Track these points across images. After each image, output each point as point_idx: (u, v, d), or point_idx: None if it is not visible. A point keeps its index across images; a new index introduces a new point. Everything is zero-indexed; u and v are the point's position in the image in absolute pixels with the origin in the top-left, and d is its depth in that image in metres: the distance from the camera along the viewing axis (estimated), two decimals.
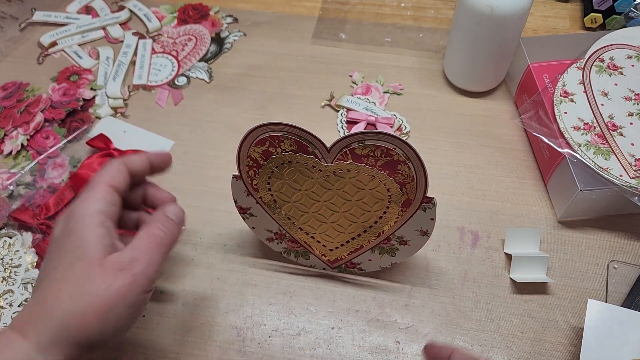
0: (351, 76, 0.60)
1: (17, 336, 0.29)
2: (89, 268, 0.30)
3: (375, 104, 0.56)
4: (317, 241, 0.42)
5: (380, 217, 0.39)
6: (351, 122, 0.55)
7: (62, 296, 0.30)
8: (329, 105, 0.57)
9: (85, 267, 0.30)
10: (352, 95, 0.58)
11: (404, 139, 0.34)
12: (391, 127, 0.54)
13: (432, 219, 0.38)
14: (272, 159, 0.37)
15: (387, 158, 0.35)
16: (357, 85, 0.59)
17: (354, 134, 0.35)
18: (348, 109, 0.56)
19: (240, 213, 0.43)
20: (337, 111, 0.56)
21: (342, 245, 0.42)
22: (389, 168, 0.36)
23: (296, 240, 0.43)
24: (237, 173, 0.39)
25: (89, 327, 0.29)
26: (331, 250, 0.43)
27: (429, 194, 0.36)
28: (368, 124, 0.54)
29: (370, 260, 0.43)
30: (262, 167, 0.38)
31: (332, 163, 0.36)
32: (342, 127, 0.55)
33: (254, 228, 0.43)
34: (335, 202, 0.39)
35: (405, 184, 0.36)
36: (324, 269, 0.45)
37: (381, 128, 0.54)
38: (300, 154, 0.36)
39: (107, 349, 0.36)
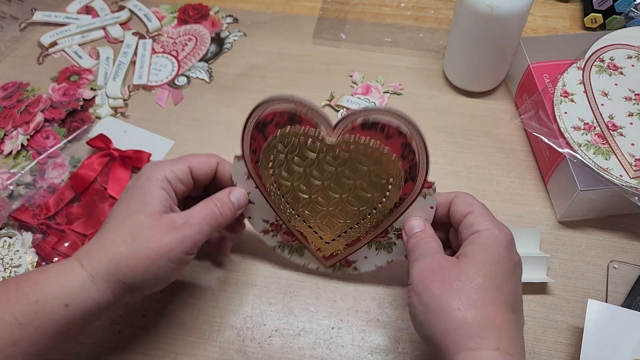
0: (351, 76, 0.60)
1: (77, 265, 0.33)
2: (146, 220, 0.35)
3: (375, 104, 0.57)
4: (314, 232, 0.41)
5: (380, 204, 0.38)
6: None
7: (118, 239, 0.34)
8: (329, 105, 0.57)
9: (143, 219, 0.35)
10: (352, 95, 0.58)
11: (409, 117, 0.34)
12: None
13: (431, 207, 0.38)
14: (278, 134, 0.37)
15: (391, 134, 0.35)
16: (357, 85, 0.59)
17: (359, 110, 0.34)
18: (348, 109, 0.56)
19: None
20: (337, 111, 0.56)
21: (339, 236, 0.41)
22: (392, 145, 0.35)
23: (292, 233, 0.42)
24: (239, 153, 0.39)
25: (134, 270, 0.34)
26: (327, 243, 0.42)
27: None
28: None
29: (365, 257, 0.42)
30: (267, 144, 0.38)
31: (337, 138, 0.36)
32: None
33: (250, 218, 0.43)
34: (336, 184, 0.38)
35: (407, 164, 0.36)
36: (317, 268, 0.44)
37: None
38: (307, 127, 0.36)
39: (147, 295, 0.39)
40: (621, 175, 0.42)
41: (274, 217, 0.42)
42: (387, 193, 0.38)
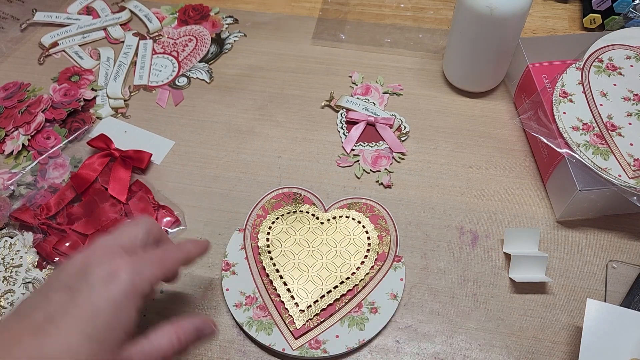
0: (351, 76, 0.60)
1: None
2: (107, 357, 0.28)
3: (375, 104, 0.57)
4: (292, 297, 0.43)
5: (358, 268, 0.44)
6: (351, 123, 0.55)
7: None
8: (329, 105, 0.57)
9: (106, 356, 0.28)
10: (352, 95, 0.58)
11: (380, 203, 0.47)
12: (390, 127, 0.54)
13: (401, 279, 0.44)
14: (283, 208, 0.48)
15: (370, 213, 0.47)
16: (356, 85, 0.59)
17: (346, 198, 0.49)
18: (348, 109, 0.56)
19: (223, 270, 0.45)
20: (337, 111, 0.57)
21: (315, 302, 0.42)
22: (371, 220, 0.47)
23: (265, 307, 0.42)
24: (241, 227, 0.47)
25: None
26: (302, 311, 0.42)
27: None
28: (367, 124, 0.55)
29: (337, 336, 0.41)
30: (270, 214, 0.47)
31: (328, 212, 0.48)
32: (341, 127, 0.55)
33: (227, 290, 0.43)
34: (321, 249, 0.45)
35: (382, 237, 0.46)
36: (283, 349, 0.40)
37: (380, 128, 0.54)
38: (306, 205, 0.48)
39: None
40: (620, 175, 0.43)
41: (252, 289, 0.43)
42: (365, 258, 0.45)
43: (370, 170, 0.51)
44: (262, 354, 0.41)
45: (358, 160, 0.52)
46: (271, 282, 0.43)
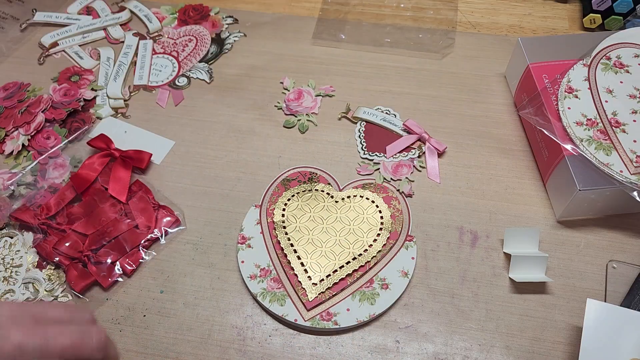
0: (282, 82, 0.59)
1: None
2: None
3: (396, 115, 0.55)
4: (305, 270, 0.44)
5: (370, 246, 0.45)
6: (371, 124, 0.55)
7: None
8: (346, 117, 0.56)
9: None
10: (284, 102, 0.57)
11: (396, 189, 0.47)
12: (439, 153, 0.52)
13: (412, 258, 0.44)
14: (299, 186, 0.49)
15: (384, 194, 0.48)
16: (288, 91, 0.58)
17: (360, 179, 0.49)
18: (367, 122, 0.55)
19: (239, 243, 0.46)
20: (355, 123, 0.55)
21: (327, 276, 0.43)
22: (385, 200, 0.48)
23: (279, 279, 0.43)
24: (258, 203, 0.48)
25: None
26: (314, 284, 0.43)
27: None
28: (419, 139, 0.53)
29: (348, 310, 0.42)
30: (286, 191, 0.48)
31: (342, 191, 0.49)
32: (359, 136, 0.54)
33: (242, 262, 0.45)
34: (335, 227, 0.46)
35: (394, 216, 0.47)
36: (295, 320, 0.42)
37: (428, 150, 0.52)
38: (321, 184, 0.49)
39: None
40: (621, 171, 0.43)
41: (266, 262, 0.44)
42: (377, 236, 0.45)
43: (391, 178, 0.50)
44: (262, 354, 0.41)
45: (378, 169, 0.52)
46: (285, 255, 0.45)
